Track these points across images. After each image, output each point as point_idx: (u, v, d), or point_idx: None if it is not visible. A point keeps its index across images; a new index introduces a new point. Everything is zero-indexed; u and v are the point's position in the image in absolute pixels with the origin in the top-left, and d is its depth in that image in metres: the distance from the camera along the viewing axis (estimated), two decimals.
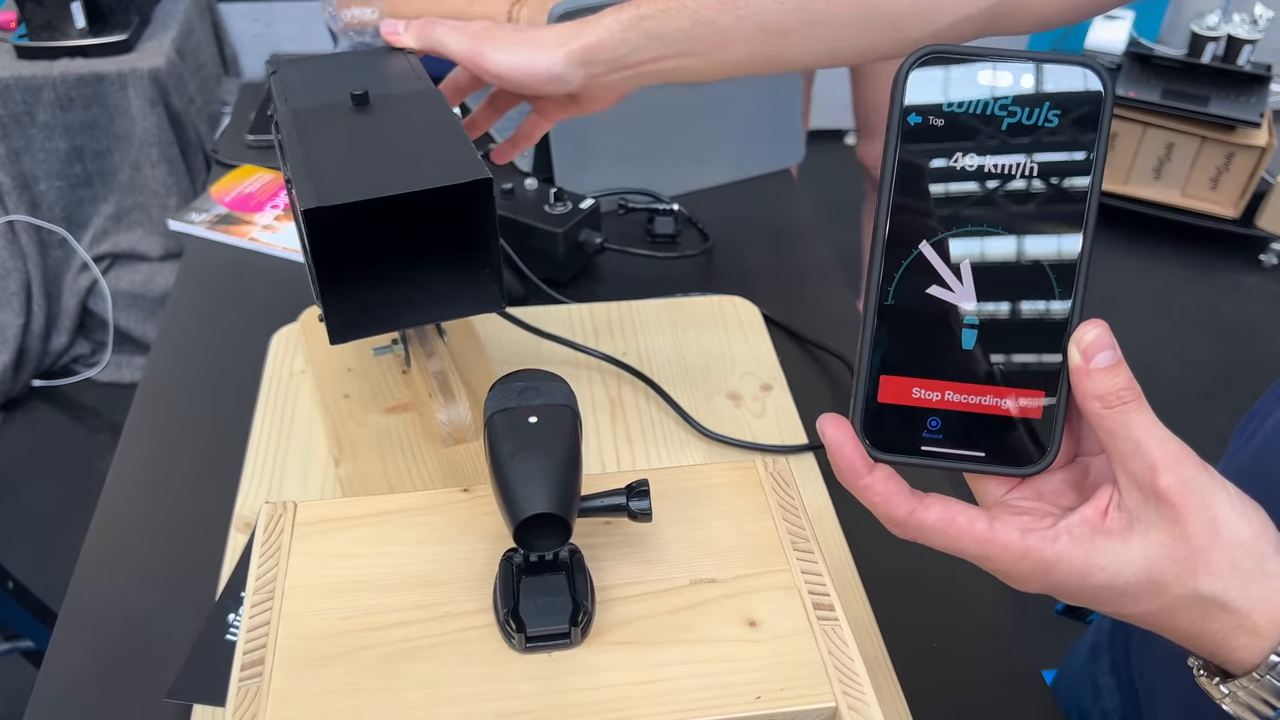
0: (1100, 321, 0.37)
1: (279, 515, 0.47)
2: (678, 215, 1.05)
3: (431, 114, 0.61)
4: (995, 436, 0.38)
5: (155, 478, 0.77)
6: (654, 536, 0.47)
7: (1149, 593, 0.36)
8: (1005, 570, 0.38)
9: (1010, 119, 0.36)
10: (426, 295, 0.61)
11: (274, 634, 0.42)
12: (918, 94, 0.37)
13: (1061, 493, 0.39)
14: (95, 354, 2.05)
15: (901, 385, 0.38)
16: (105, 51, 1.84)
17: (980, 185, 0.37)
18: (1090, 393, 0.36)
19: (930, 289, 0.37)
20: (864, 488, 0.39)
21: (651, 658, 0.42)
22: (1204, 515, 0.35)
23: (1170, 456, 0.35)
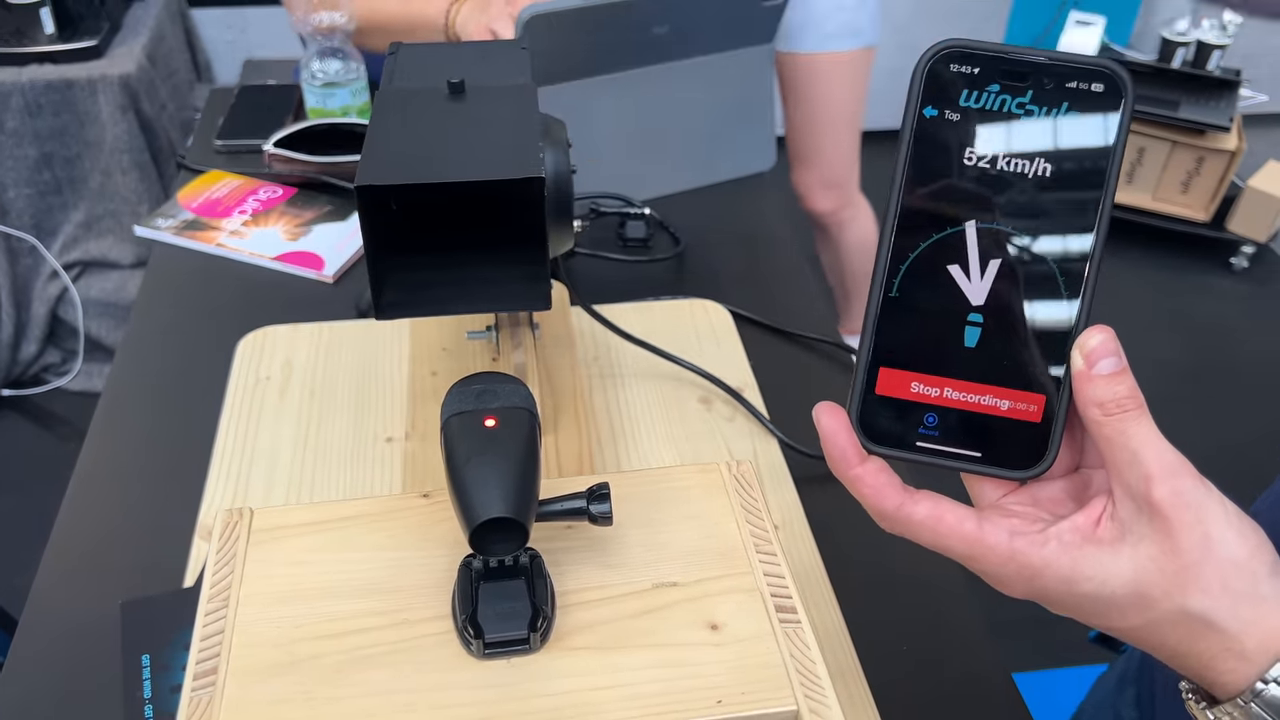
0: (1106, 328, 0.36)
1: (235, 523, 0.46)
2: (649, 219, 1.04)
3: (515, 109, 0.61)
4: (992, 437, 0.38)
5: (118, 485, 0.76)
6: (616, 540, 0.47)
7: (1135, 606, 0.35)
8: (991, 572, 0.37)
9: (1027, 117, 0.36)
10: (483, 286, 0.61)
11: (227, 642, 0.42)
12: (934, 87, 0.36)
13: (1059, 502, 0.38)
14: (66, 363, 2.02)
15: (900, 378, 0.38)
16: (75, 58, 1.82)
17: (992, 183, 0.36)
18: (1090, 399, 0.35)
19: (935, 284, 0.37)
20: (854, 478, 0.38)
21: (611, 662, 0.42)
22: (1197, 530, 0.34)
23: (1166, 468, 0.34)
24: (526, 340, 0.75)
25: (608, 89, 1.03)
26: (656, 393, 0.85)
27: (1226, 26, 2.39)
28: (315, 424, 0.80)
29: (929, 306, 0.37)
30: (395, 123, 0.58)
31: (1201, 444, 1.99)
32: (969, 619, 0.69)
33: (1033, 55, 0.35)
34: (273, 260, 0.97)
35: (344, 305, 0.93)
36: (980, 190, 0.36)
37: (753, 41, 1.08)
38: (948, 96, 0.36)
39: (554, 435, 0.75)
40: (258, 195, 1.05)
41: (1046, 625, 0.78)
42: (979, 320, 0.37)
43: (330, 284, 0.96)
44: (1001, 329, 0.37)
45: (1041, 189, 0.36)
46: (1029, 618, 0.74)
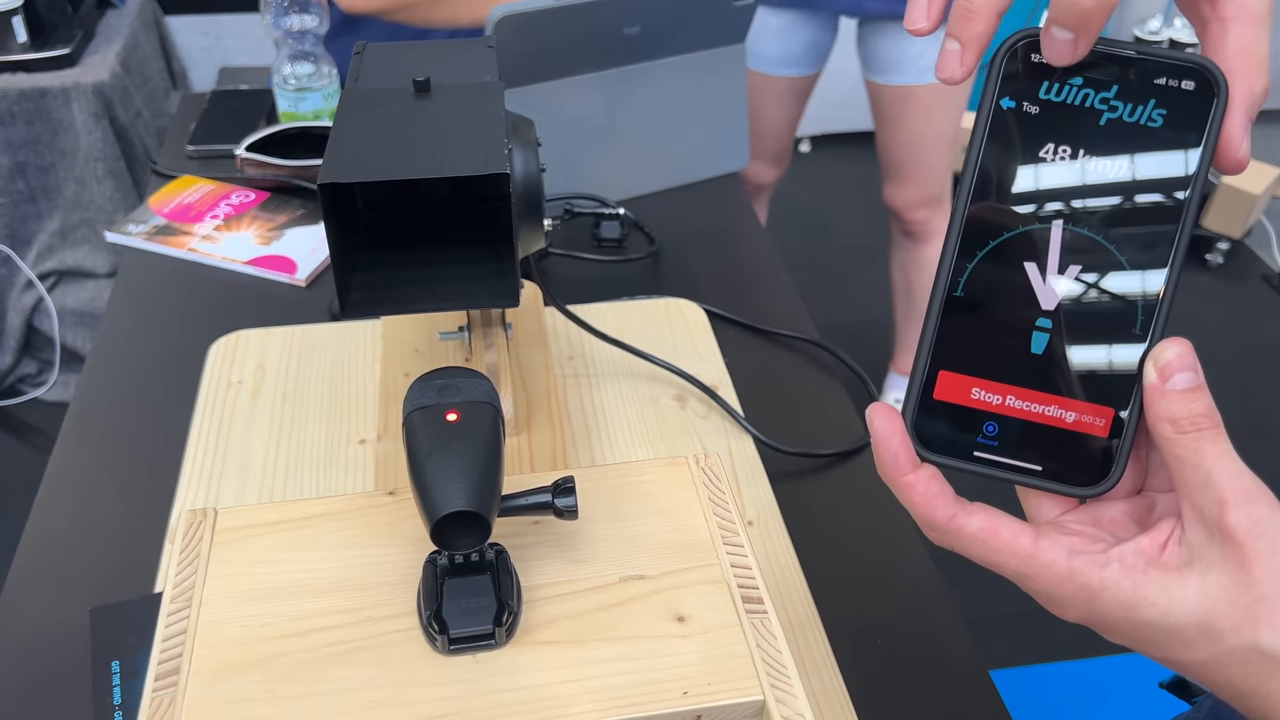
0: (1183, 340, 0.34)
1: (198, 523, 0.46)
2: (624, 219, 1.04)
3: (481, 106, 0.61)
4: (1055, 451, 0.36)
5: (89, 491, 0.76)
6: (584, 535, 0.47)
7: (1201, 639, 0.33)
8: (1046, 593, 0.35)
9: (1110, 114, 0.34)
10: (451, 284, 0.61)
11: (190, 642, 0.41)
12: (1013, 78, 0.34)
13: (1121, 524, 0.36)
14: (42, 373, 2.01)
15: (961, 383, 0.36)
16: (48, 66, 1.81)
17: (1069, 181, 0.34)
18: (1163, 414, 0.33)
19: (1003, 284, 0.35)
20: (905, 485, 0.36)
21: (578, 656, 0.42)
22: (1273, 561, 0.32)
23: (1243, 493, 0.32)
24: (499, 340, 0.75)
25: (580, 89, 1.03)
26: (631, 391, 0.85)
27: None
28: (288, 427, 0.79)
29: (995, 308, 0.35)
30: (359, 121, 0.58)
31: None
32: (946, 615, 0.70)
33: (1122, 48, 0.33)
34: (245, 264, 0.96)
35: (317, 309, 0.93)
36: (1056, 188, 0.34)
37: (725, 42, 1.08)
38: (1027, 88, 0.34)
39: (528, 435, 0.74)
40: (230, 200, 1.05)
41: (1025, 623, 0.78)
42: (1048, 325, 0.35)
43: (303, 287, 0.96)
44: (1071, 336, 0.35)
45: (1122, 190, 0.34)
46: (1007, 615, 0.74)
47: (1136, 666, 1.42)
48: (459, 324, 0.77)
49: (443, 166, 0.54)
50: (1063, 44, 0.33)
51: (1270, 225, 2.65)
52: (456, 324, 0.77)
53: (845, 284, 2.07)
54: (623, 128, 1.07)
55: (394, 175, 0.53)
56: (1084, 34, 0.32)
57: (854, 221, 1.83)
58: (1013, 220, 0.35)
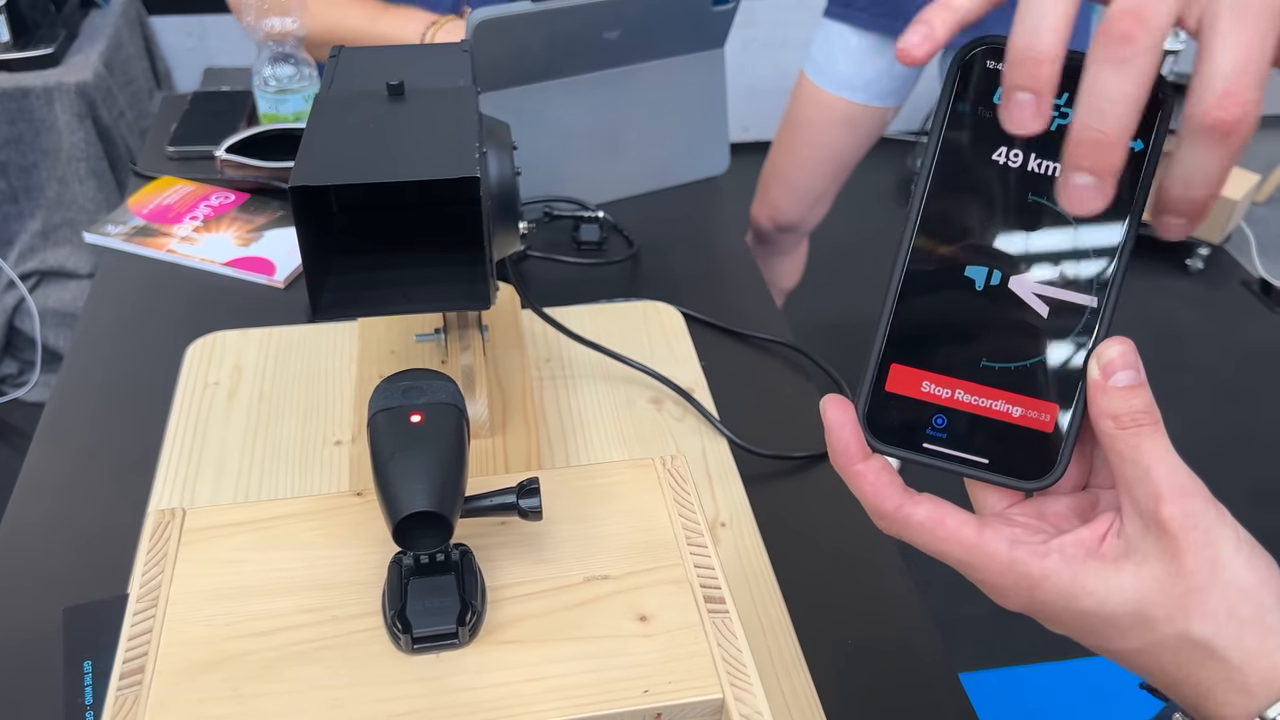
0: (1126, 340, 0.35)
1: (166, 522, 0.46)
2: (603, 222, 1.05)
3: (454, 110, 0.61)
4: (1002, 445, 0.37)
5: (64, 491, 0.76)
6: (549, 535, 0.47)
7: (1136, 628, 0.34)
8: (988, 581, 0.36)
9: (1061, 120, 0.34)
10: (423, 286, 0.61)
11: (155, 641, 0.42)
12: (968, 83, 0.35)
13: (1065, 517, 0.38)
14: (23, 374, 2.00)
15: (912, 376, 0.37)
16: (30, 65, 1.80)
17: (1021, 184, 0.35)
18: (1105, 410, 0.34)
19: (954, 283, 0.36)
20: (855, 474, 0.37)
21: (541, 655, 0.42)
22: (1205, 553, 0.33)
23: (1178, 487, 0.34)
24: (475, 342, 0.75)
25: (561, 93, 1.03)
26: (608, 394, 0.85)
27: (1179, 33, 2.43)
28: (264, 428, 0.79)
29: (946, 305, 0.36)
30: (332, 124, 0.59)
31: None
32: (917, 617, 0.70)
33: (1071, 56, 0.34)
34: (224, 266, 0.97)
35: (295, 310, 0.93)
36: (1008, 191, 0.35)
37: (704, 46, 1.09)
38: (981, 93, 0.35)
39: (503, 437, 0.75)
40: (209, 201, 1.05)
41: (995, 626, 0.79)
42: (996, 323, 0.36)
43: (282, 289, 0.96)
44: (1019, 334, 0.36)
45: None
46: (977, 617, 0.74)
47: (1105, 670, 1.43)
48: (435, 326, 0.77)
49: (413, 170, 0.55)
50: (1085, 189, 0.32)
51: (1250, 231, 2.67)
52: (433, 326, 0.78)
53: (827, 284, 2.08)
54: (602, 131, 1.08)
55: (364, 178, 0.54)
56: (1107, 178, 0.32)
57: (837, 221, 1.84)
58: (964, 221, 0.36)
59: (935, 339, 0.37)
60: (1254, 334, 2.41)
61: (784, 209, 1.63)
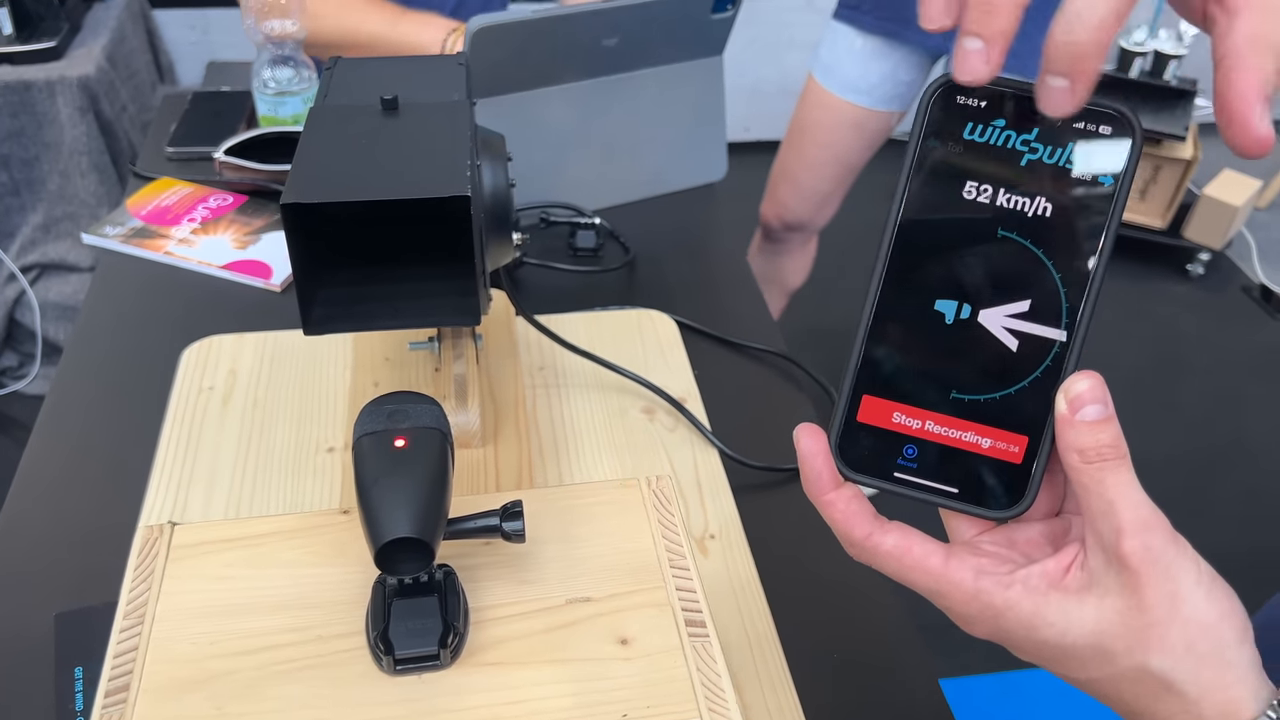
0: (1094, 374, 0.36)
1: (154, 539, 0.47)
2: (600, 229, 1.05)
3: (447, 126, 0.62)
4: (971, 475, 0.37)
5: (58, 495, 0.76)
6: (533, 556, 0.48)
7: (1096, 659, 0.35)
8: (955, 610, 0.37)
9: (1031, 155, 0.35)
10: (413, 301, 0.62)
11: (141, 659, 0.42)
12: (939, 118, 0.36)
13: (1036, 545, 0.38)
14: (23, 366, 2.00)
15: (883, 407, 0.38)
16: (33, 59, 1.81)
17: (990, 219, 0.36)
18: (1071, 444, 0.35)
19: (925, 315, 0.37)
20: (826, 503, 0.38)
21: (521, 678, 0.43)
22: (1164, 588, 0.34)
23: (1139, 522, 0.34)
24: (469, 351, 0.76)
25: (559, 99, 1.04)
26: (600, 403, 0.86)
27: (1183, 37, 2.43)
28: (257, 434, 0.80)
29: (917, 337, 0.37)
30: (326, 139, 0.59)
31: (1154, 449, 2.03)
32: (900, 625, 0.71)
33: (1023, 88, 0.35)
34: (221, 269, 0.97)
35: (292, 314, 0.93)
36: (977, 226, 0.36)
37: (703, 54, 1.09)
38: (952, 128, 0.36)
39: (494, 447, 0.75)
40: (208, 203, 1.05)
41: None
42: (966, 356, 0.37)
43: (278, 293, 0.96)
44: (988, 367, 0.37)
45: (1040, 230, 0.36)
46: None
47: None
48: (429, 334, 0.78)
49: (405, 189, 0.55)
50: (1060, 93, 0.33)
51: (1251, 237, 2.67)
52: (427, 334, 0.78)
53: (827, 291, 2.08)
54: (600, 138, 1.08)
55: (356, 197, 0.54)
56: (1081, 80, 0.32)
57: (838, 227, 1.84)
58: (934, 255, 0.36)
59: (906, 371, 0.37)
60: (1254, 340, 2.41)
61: (792, 208, 1.64)
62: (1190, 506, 1.92)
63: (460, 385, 0.73)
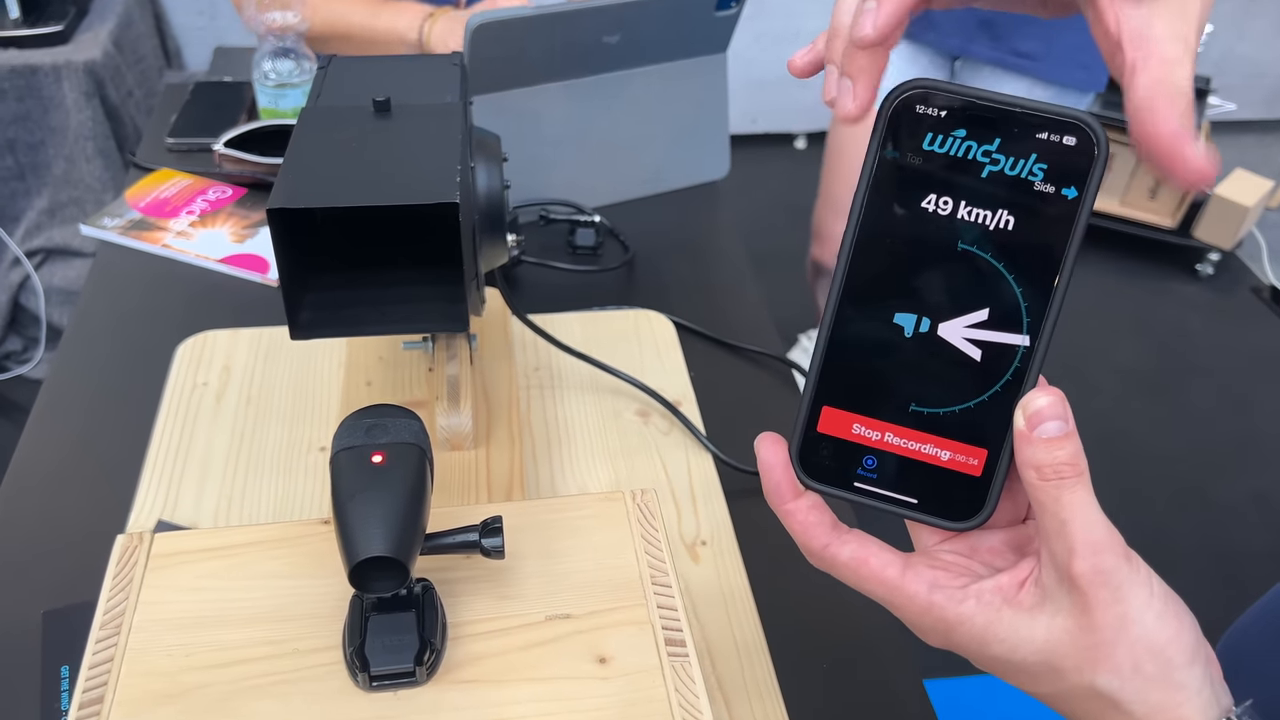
0: (1055, 390, 0.35)
1: (133, 547, 0.47)
2: (599, 227, 1.05)
3: (439, 129, 0.61)
4: (930, 486, 0.37)
5: (49, 490, 0.76)
6: (514, 571, 0.47)
7: (1046, 675, 0.36)
8: (909, 620, 0.38)
9: (992, 167, 0.34)
10: (401, 306, 0.61)
11: (116, 670, 0.42)
12: (898, 128, 0.35)
13: (999, 553, 0.38)
14: (28, 351, 2.01)
15: (842, 419, 0.38)
16: (39, 43, 1.80)
17: (950, 231, 0.35)
18: (1028, 460, 0.35)
19: (884, 328, 0.36)
20: (786, 513, 0.39)
21: (496, 696, 0.42)
22: (1114, 610, 0.34)
23: (1090, 543, 0.34)
24: (462, 352, 0.75)
25: (559, 96, 1.03)
26: (595, 405, 0.85)
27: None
28: (250, 432, 0.80)
29: (876, 350, 0.37)
30: (316, 142, 0.59)
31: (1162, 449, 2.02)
32: (886, 626, 0.70)
33: (1004, 102, 0.34)
34: (218, 262, 0.97)
35: None
36: (936, 238, 0.35)
37: (706, 51, 1.08)
38: (911, 138, 0.35)
39: (486, 448, 0.75)
40: (207, 195, 1.05)
41: None
42: (925, 369, 0.36)
43: (275, 287, 0.96)
44: (947, 380, 0.36)
45: (1001, 242, 0.35)
46: None
47: None
48: (423, 334, 0.77)
49: (394, 194, 0.54)
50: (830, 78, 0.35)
51: (1261, 237, 2.65)
52: (421, 334, 0.78)
53: None
54: (601, 135, 1.07)
55: (344, 202, 0.54)
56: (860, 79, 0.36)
57: None
58: (894, 267, 0.36)
59: (865, 383, 0.37)
60: (1263, 341, 2.39)
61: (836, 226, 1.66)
62: (1198, 507, 1.91)
63: (453, 386, 0.73)
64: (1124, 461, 1.97)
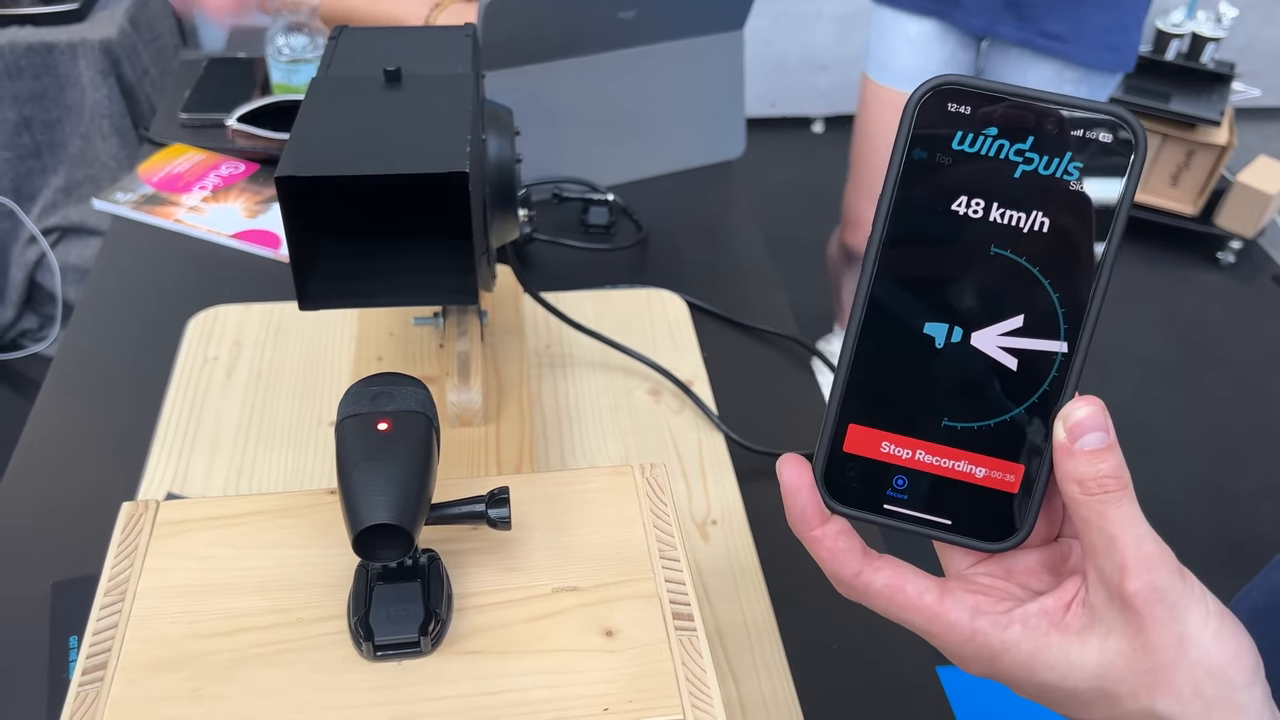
0: (1095, 400, 0.34)
1: (138, 515, 0.46)
2: (613, 205, 1.04)
3: (450, 99, 0.60)
4: (964, 506, 0.35)
5: (61, 462, 0.76)
6: (521, 543, 0.47)
7: (1099, 701, 0.34)
8: (950, 650, 0.36)
9: (1026, 166, 0.33)
10: (411, 278, 0.61)
11: (120, 637, 0.42)
12: (927, 126, 0.33)
13: (1034, 574, 0.36)
14: (44, 328, 2.02)
15: (870, 437, 0.36)
16: (55, 20, 1.81)
17: (983, 235, 0.33)
18: (1070, 474, 0.33)
19: (914, 339, 0.34)
20: (813, 539, 0.36)
21: (502, 668, 0.42)
22: (1171, 629, 0.32)
23: (1144, 560, 0.32)
24: (473, 328, 0.75)
25: (574, 72, 1.02)
26: (606, 383, 0.85)
27: (1221, 19, 2.37)
28: (260, 406, 0.80)
29: (906, 363, 0.35)
30: (326, 111, 0.58)
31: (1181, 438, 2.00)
32: None
33: (1037, 98, 0.32)
34: (230, 238, 0.96)
35: None
36: (968, 243, 0.33)
37: (722, 28, 1.07)
38: (940, 138, 0.33)
39: (496, 425, 0.75)
40: (219, 171, 1.05)
41: None
42: (958, 381, 0.35)
43: (286, 263, 0.96)
44: (981, 392, 0.34)
45: (1036, 246, 0.33)
46: None
47: None
48: (434, 310, 0.77)
49: (403, 163, 0.54)
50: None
51: None
52: (431, 309, 0.77)
53: None
54: (615, 112, 1.06)
55: (353, 171, 0.53)
56: None
57: None
58: (923, 275, 0.34)
59: (894, 398, 0.35)
60: None
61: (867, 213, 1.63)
62: (1218, 497, 1.89)
63: (463, 362, 0.72)
64: (1142, 450, 1.95)
